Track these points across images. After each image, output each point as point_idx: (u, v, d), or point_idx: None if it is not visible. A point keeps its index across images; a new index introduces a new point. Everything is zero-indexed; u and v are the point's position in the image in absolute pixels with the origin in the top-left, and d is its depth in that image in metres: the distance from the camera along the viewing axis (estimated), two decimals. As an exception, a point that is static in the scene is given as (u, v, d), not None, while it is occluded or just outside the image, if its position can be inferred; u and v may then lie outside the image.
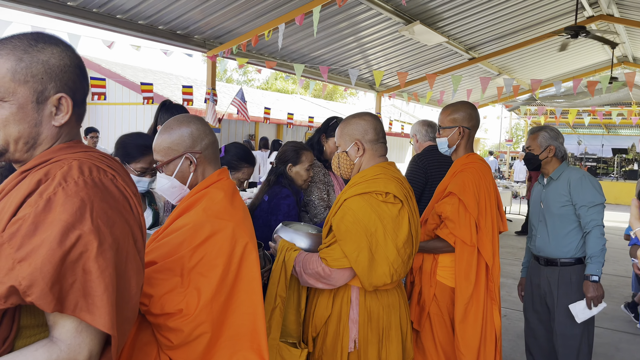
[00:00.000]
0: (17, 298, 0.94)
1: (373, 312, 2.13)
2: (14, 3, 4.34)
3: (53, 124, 1.13)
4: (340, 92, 33.30)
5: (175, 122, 1.74)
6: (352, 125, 2.23)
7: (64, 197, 1.00)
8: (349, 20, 6.40)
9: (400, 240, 2.06)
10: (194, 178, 1.75)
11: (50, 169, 1.06)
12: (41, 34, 1.12)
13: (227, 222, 1.59)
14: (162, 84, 12.07)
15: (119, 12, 5.20)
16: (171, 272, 1.49)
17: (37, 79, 1.08)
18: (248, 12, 5.61)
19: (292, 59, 7.53)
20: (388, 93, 10.20)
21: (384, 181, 2.12)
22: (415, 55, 8.29)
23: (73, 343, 1.00)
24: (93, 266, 0.98)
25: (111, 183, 1.11)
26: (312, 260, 2.11)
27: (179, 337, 1.44)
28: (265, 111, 8.88)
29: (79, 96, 1.16)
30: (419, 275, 2.67)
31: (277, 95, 19.33)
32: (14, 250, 0.95)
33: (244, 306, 1.56)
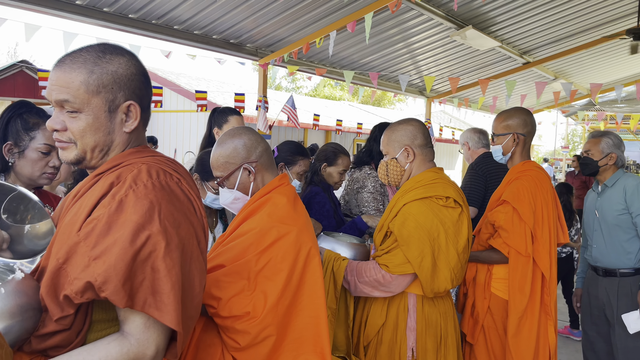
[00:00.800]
0: (92, 293, 1.00)
1: (431, 319, 2.10)
2: (80, 16, 4.58)
3: (124, 131, 1.19)
4: (388, 98, 33.10)
5: (227, 136, 1.80)
6: (400, 131, 2.21)
7: (135, 199, 1.05)
8: (399, 27, 6.37)
9: (460, 245, 2.05)
10: (255, 186, 1.79)
11: (121, 172, 1.12)
12: (107, 46, 1.17)
13: (292, 227, 1.63)
14: (215, 91, 12.39)
15: (176, 23, 5.39)
16: (238, 275, 1.54)
17: (108, 88, 1.13)
18: (299, 21, 5.69)
19: (341, 66, 7.56)
20: (438, 99, 10.06)
21: (442, 186, 2.11)
22: (466, 61, 8.15)
23: (142, 338, 1.05)
24: (161, 265, 1.03)
25: (177, 186, 1.15)
26: (368, 267, 2.09)
27: (246, 339, 1.48)
28: (315, 118, 8.95)
29: (145, 102, 1.22)
30: (473, 286, 2.61)
31: (325, 101, 19.44)
32: (89, 249, 1.01)
33: (307, 310, 1.59)
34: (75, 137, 1.14)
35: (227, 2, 4.99)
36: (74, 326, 1.05)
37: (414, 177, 2.18)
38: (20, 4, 4.17)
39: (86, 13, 4.64)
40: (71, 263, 1.02)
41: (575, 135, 35.72)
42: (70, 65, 1.12)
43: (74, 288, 1.00)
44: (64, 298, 1.02)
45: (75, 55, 1.14)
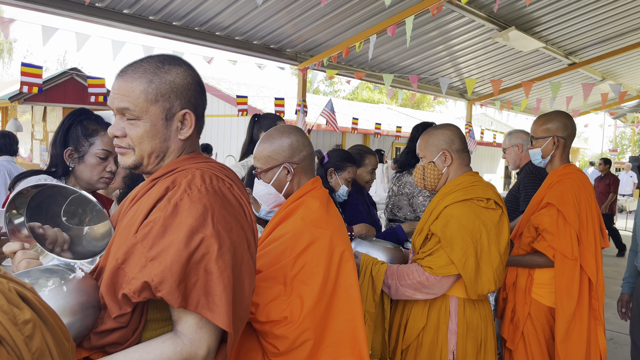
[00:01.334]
0: (149, 293, 1.04)
1: (472, 322, 2.10)
2: (128, 25, 4.75)
3: (179, 138, 1.23)
4: (427, 101, 32.76)
5: (277, 132, 1.82)
6: (437, 135, 2.22)
7: (189, 203, 1.09)
8: (439, 29, 6.31)
9: (502, 246, 2.05)
10: (290, 187, 1.81)
11: (176, 177, 1.17)
12: (166, 56, 1.22)
13: (325, 231, 1.64)
14: (254, 96, 12.57)
15: (218, 29, 5.51)
16: (275, 280, 1.56)
17: (165, 97, 1.18)
18: (338, 25, 5.72)
19: (380, 69, 7.55)
20: (479, 101, 9.90)
21: (482, 188, 2.12)
22: (509, 62, 7.99)
23: (194, 338, 1.08)
24: (213, 267, 1.06)
25: (228, 191, 1.19)
26: (410, 270, 2.10)
27: (284, 344, 1.49)
28: (353, 121, 8.95)
29: (199, 111, 1.26)
30: (513, 291, 2.57)
31: (364, 105, 19.41)
32: (146, 250, 1.05)
33: (343, 313, 1.60)
34: (134, 143, 1.19)
35: (268, 8, 5.07)
36: (131, 324, 1.09)
37: (453, 181, 2.18)
38: (72, 14, 4.36)
39: (133, 22, 4.80)
40: (129, 263, 1.06)
41: (624, 137, 34.39)
42: (132, 75, 1.17)
43: (132, 287, 1.04)
44: (122, 297, 1.05)
45: (136, 65, 1.19)
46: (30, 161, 10.53)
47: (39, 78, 4.85)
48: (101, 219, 1.35)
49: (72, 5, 4.32)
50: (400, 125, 12.58)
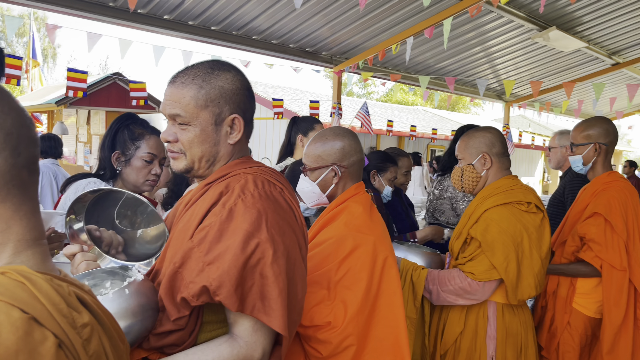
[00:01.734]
0: (207, 297, 1.06)
1: (512, 328, 2.07)
2: (168, 30, 4.87)
3: (228, 142, 1.25)
4: (463, 103, 32.28)
5: (331, 134, 1.82)
6: (478, 138, 2.20)
7: (244, 208, 1.11)
8: (476, 30, 6.23)
9: (543, 250, 2.02)
10: (334, 190, 1.81)
11: (229, 182, 1.19)
12: (216, 62, 1.25)
13: (368, 236, 1.64)
14: (290, 99, 12.66)
15: (255, 33, 5.58)
16: (319, 285, 1.57)
17: (215, 103, 1.20)
18: (374, 27, 5.71)
19: (416, 71, 7.49)
20: (517, 103, 9.70)
21: (523, 191, 2.08)
22: (549, 63, 7.80)
23: (250, 341, 1.10)
24: (269, 272, 1.08)
25: (280, 195, 1.20)
26: (452, 276, 2.07)
27: (327, 348, 1.50)
28: (388, 124, 8.92)
29: (248, 115, 1.29)
30: (553, 300, 2.52)
31: (398, 107, 19.30)
32: (203, 254, 1.08)
33: (386, 319, 1.59)
34: (185, 148, 1.22)
35: (304, 11, 5.11)
36: (188, 326, 1.12)
37: (492, 184, 2.16)
38: (116, 21, 4.50)
39: (173, 27, 4.92)
40: (186, 267, 1.09)
41: (670, 140, 33.01)
42: (182, 82, 1.20)
43: (191, 291, 1.06)
44: (181, 300, 1.08)
45: (187, 72, 1.22)
46: (75, 163, 10.90)
47: (84, 83, 5.03)
48: (153, 221, 1.39)
49: (116, 12, 4.46)
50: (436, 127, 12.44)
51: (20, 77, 4.61)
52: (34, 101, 10.63)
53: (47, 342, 0.59)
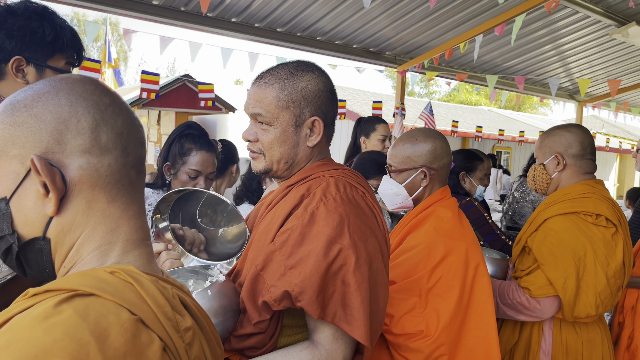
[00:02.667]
0: (288, 302, 1.06)
1: (570, 346, 1.90)
2: (235, 32, 4.98)
3: (307, 145, 1.23)
4: (530, 103, 31.06)
5: (421, 135, 1.77)
6: (554, 136, 2.04)
7: (326, 212, 1.09)
8: (548, 27, 5.96)
9: (611, 268, 1.82)
10: (421, 193, 1.76)
11: (311, 185, 1.18)
12: (300, 63, 1.24)
13: (461, 242, 1.59)
14: (351, 100, 12.65)
15: (319, 34, 5.62)
16: (410, 292, 1.53)
17: (296, 104, 1.19)
18: (441, 26, 5.60)
19: (483, 70, 7.28)
20: (591, 103, 9.21)
21: (594, 201, 1.89)
22: (627, 61, 7.36)
23: (330, 349, 1.09)
24: (351, 279, 1.05)
25: (362, 199, 1.18)
26: (511, 289, 1.95)
27: (419, 357, 1.46)
28: (453, 124, 8.71)
29: (329, 118, 1.26)
30: (631, 315, 2.33)
31: (462, 107, 18.83)
32: (285, 258, 1.07)
33: (476, 329, 1.54)
34: (264, 149, 1.21)
35: (369, 11, 5.08)
36: (268, 330, 1.11)
37: (563, 189, 2.00)
38: (187, 24, 4.65)
39: (240, 29, 5.04)
40: (268, 270, 1.08)
41: None
42: (266, 82, 1.19)
43: (272, 295, 1.05)
44: (262, 304, 1.08)
45: (271, 72, 1.22)
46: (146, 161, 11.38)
47: (156, 85, 5.24)
48: (233, 220, 1.40)
49: (187, 15, 4.62)
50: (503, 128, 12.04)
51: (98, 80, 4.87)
52: (109, 102, 11.19)
53: (154, 345, 0.59)
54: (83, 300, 0.58)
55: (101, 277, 0.62)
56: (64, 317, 0.55)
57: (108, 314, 0.57)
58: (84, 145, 0.67)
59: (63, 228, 0.68)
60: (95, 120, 0.68)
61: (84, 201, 0.68)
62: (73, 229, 0.68)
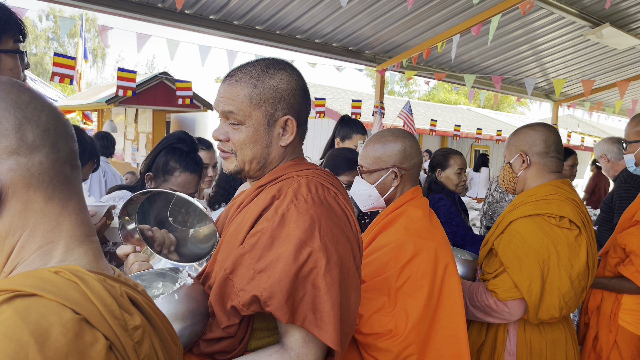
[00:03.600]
0: (257, 306, 1.04)
1: (534, 346, 1.90)
2: (214, 30, 4.95)
3: (280, 144, 1.20)
4: (508, 102, 31.50)
5: (391, 135, 1.77)
6: (520, 135, 2.04)
7: (296, 214, 1.07)
8: (524, 28, 6.05)
9: (575, 270, 1.81)
10: (393, 193, 1.76)
11: (282, 186, 1.15)
12: (272, 61, 1.21)
13: (430, 242, 1.59)
14: (331, 98, 12.67)
15: (298, 32, 5.61)
16: (379, 291, 1.52)
17: (268, 103, 1.16)
18: (419, 25, 5.64)
19: (461, 70, 7.35)
20: (567, 102, 9.38)
21: (558, 203, 1.87)
22: (601, 61, 7.51)
23: (301, 352, 1.07)
24: (321, 283, 1.03)
25: (334, 200, 1.16)
26: (479, 291, 1.94)
27: (387, 357, 1.45)
28: (432, 123, 8.79)
29: (302, 117, 1.24)
30: (596, 316, 2.33)
31: (441, 106, 19.00)
32: (254, 261, 1.05)
33: (446, 329, 1.54)
34: (236, 148, 1.19)
35: (348, 10, 5.09)
36: (238, 334, 1.09)
37: (528, 190, 1.98)
38: (164, 21, 4.61)
39: (218, 27, 5.00)
40: (237, 274, 1.06)
41: None
42: (237, 80, 1.16)
43: (241, 300, 1.03)
44: (231, 308, 1.06)
45: (242, 69, 1.19)
46: (122, 160, 11.25)
47: (133, 82, 5.17)
48: (203, 220, 1.38)
49: (164, 12, 4.57)
50: (481, 127, 12.19)
51: (73, 76, 4.78)
52: (86, 100, 11.03)
53: (98, 344, 0.59)
54: (24, 300, 0.57)
55: (44, 277, 0.61)
56: (3, 317, 0.54)
57: (50, 314, 0.57)
58: (10, 147, 0.65)
59: (0, 234, 0.66)
60: (18, 119, 0.66)
61: (19, 203, 0.66)
62: (11, 233, 0.66)
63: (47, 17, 31.17)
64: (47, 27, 31.55)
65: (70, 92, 19.28)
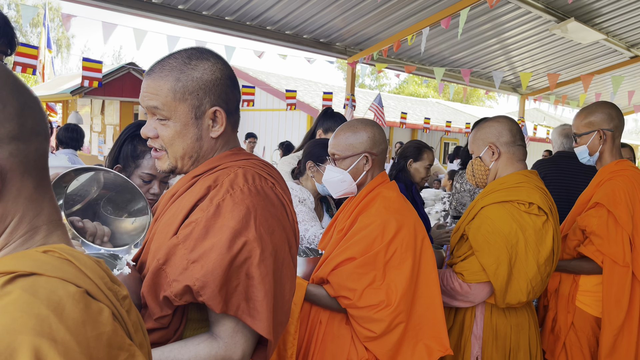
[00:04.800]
0: (190, 297, 1.03)
1: (499, 330, 1.97)
2: (182, 20, 4.87)
3: (211, 136, 1.17)
4: (477, 96, 32.01)
5: (360, 124, 1.87)
6: (484, 128, 2.10)
7: (232, 204, 1.05)
8: (493, 21, 6.15)
9: (542, 256, 1.88)
10: (364, 177, 1.85)
11: (218, 176, 1.13)
12: (194, 51, 1.17)
13: (409, 218, 1.73)
14: (303, 90, 12.63)
15: (269, 23, 5.56)
16: (369, 266, 1.65)
17: (193, 95, 1.12)
18: (389, 18, 5.66)
19: (431, 63, 7.43)
20: (533, 96, 9.59)
21: (527, 190, 1.94)
22: (566, 55, 7.69)
23: (230, 342, 1.06)
24: (255, 272, 1.03)
25: (271, 190, 1.15)
26: (445, 276, 2.00)
27: (381, 326, 1.58)
28: (402, 116, 8.87)
29: (231, 105, 1.19)
30: (555, 298, 2.38)
31: (412, 99, 19.17)
32: (188, 251, 1.03)
33: (424, 297, 1.69)
34: (166, 145, 1.16)
35: (319, 2, 5.08)
36: (172, 325, 1.08)
37: (498, 179, 2.04)
38: (131, 10, 4.50)
39: (187, 17, 4.92)
40: (170, 264, 1.04)
41: (688, 134, 32.50)
42: (159, 74, 1.13)
43: (174, 290, 1.02)
44: (163, 299, 1.04)
45: (163, 63, 1.15)
46: (89, 153, 10.99)
47: (99, 73, 5.05)
48: (143, 211, 1.35)
49: (130, 1, 4.46)
50: (450, 120, 12.35)
51: (36, 66, 4.64)
52: (49, 91, 10.71)
53: (104, 313, 0.61)
54: (26, 280, 0.58)
55: (37, 257, 0.62)
56: (14, 297, 0.55)
57: (56, 289, 0.58)
58: (12, 132, 0.65)
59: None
60: (20, 104, 0.66)
61: (14, 189, 0.66)
62: (2, 218, 0.66)
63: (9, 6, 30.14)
64: (9, 17, 30.49)
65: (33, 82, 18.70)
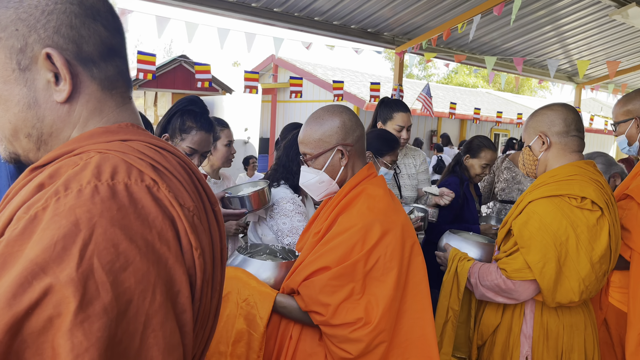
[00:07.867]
0: None
1: (551, 330, 1.87)
2: (231, 12, 4.94)
3: (55, 100, 0.73)
4: (528, 85, 30.95)
5: (326, 112, 1.62)
6: (538, 116, 1.98)
7: (51, 217, 0.60)
8: (547, 8, 5.92)
9: (596, 253, 1.76)
10: (344, 173, 1.63)
11: (59, 168, 0.68)
12: None
13: (395, 220, 1.50)
14: (350, 81, 12.60)
15: (317, 14, 5.57)
16: (346, 277, 1.41)
17: (9, 32, 0.71)
18: (439, 6, 5.56)
19: (481, 52, 7.24)
20: (590, 85, 9.19)
21: (580, 183, 1.82)
22: (626, 42, 7.32)
23: None
24: (65, 345, 0.54)
25: (146, 194, 0.67)
26: (490, 271, 1.93)
27: (359, 347, 1.36)
28: (451, 106, 8.71)
29: (88, 48, 0.74)
30: None
31: (461, 89, 18.76)
32: None
33: (411, 311, 1.47)
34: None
35: (367, -9, 5.04)
36: None
37: (550, 171, 1.93)
38: (183, 4, 4.61)
39: (236, 9, 4.99)
40: None
41: None
42: None
43: None
44: None
45: None
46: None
47: (153, 65, 5.21)
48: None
49: (183, -5, 4.58)
50: (501, 110, 12.02)
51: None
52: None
53: None
54: None
55: None
56: None
57: None
58: None
59: None
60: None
61: None
62: None
63: (67, 2, 31.37)
64: (67, 12, 31.75)
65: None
